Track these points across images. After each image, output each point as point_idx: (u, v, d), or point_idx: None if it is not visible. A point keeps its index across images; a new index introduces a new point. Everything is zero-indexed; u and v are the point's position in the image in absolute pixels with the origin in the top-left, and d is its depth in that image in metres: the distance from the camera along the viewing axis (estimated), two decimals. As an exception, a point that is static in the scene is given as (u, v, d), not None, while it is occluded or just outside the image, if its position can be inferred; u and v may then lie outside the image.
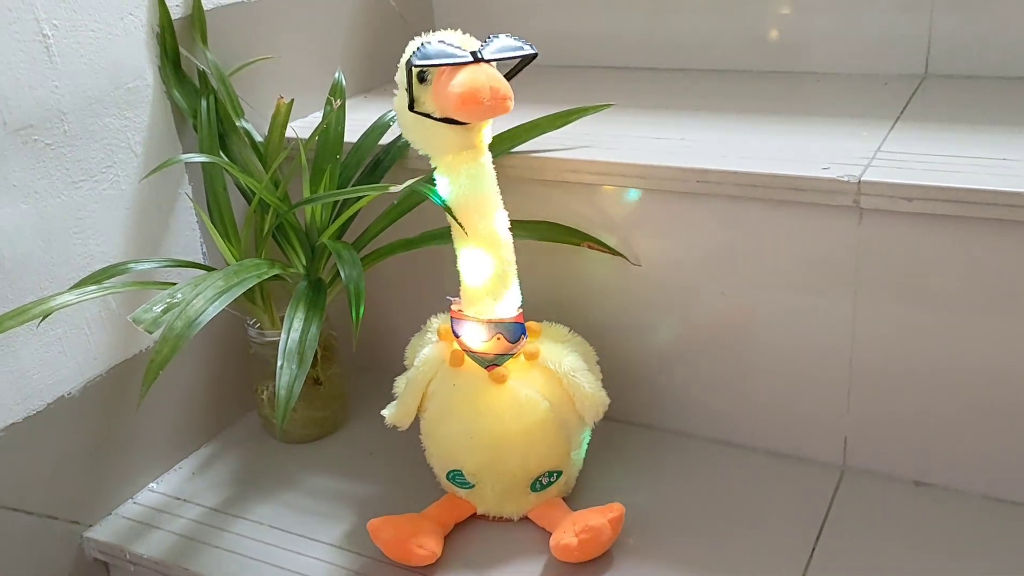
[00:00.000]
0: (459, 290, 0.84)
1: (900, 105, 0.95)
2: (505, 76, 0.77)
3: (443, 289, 0.88)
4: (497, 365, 0.81)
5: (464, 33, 0.79)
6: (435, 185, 0.82)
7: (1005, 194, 0.73)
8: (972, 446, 0.83)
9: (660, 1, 1.13)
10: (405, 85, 0.78)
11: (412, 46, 0.77)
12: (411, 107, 0.78)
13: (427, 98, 0.78)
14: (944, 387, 0.82)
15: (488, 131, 0.81)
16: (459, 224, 0.80)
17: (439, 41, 0.76)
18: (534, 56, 0.78)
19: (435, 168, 0.82)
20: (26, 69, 0.81)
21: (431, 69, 0.76)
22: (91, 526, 0.92)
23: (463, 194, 0.80)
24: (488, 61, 0.75)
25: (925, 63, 1.03)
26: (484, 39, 0.77)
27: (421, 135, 0.81)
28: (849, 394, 0.87)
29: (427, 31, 0.78)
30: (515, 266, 0.82)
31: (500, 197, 0.82)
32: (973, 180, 0.75)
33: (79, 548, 0.91)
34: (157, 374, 0.72)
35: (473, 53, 0.75)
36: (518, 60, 0.79)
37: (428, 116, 0.78)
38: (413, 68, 0.76)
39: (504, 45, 0.77)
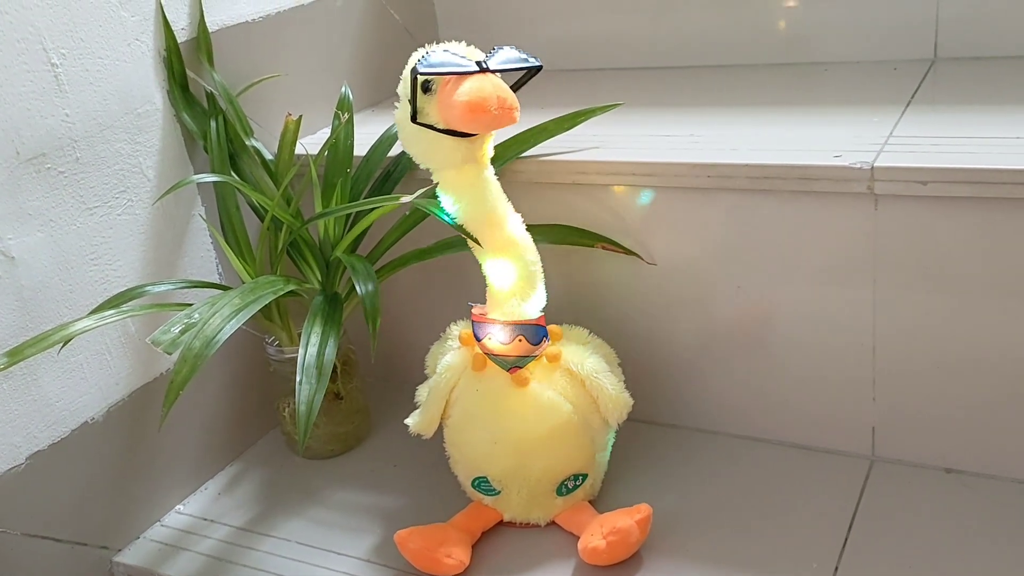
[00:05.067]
0: (478, 297, 0.83)
1: (910, 90, 0.94)
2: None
3: (460, 297, 0.88)
4: (519, 367, 0.81)
5: (469, 44, 0.79)
6: (435, 201, 0.81)
7: (1022, 172, 0.72)
8: (1002, 430, 0.82)
9: (663, 0, 1.13)
10: (408, 96, 0.77)
11: (416, 56, 0.77)
12: (414, 118, 0.78)
13: (431, 109, 0.77)
14: (970, 371, 0.81)
15: (491, 144, 0.81)
16: (473, 239, 0.80)
17: (444, 51, 0.76)
18: (539, 69, 0.77)
19: (437, 184, 0.81)
20: (36, 99, 0.81)
21: (435, 79, 0.76)
22: (120, 551, 0.92)
23: (471, 210, 0.79)
24: (494, 71, 0.75)
25: (934, 47, 1.02)
26: (489, 51, 0.77)
27: (423, 147, 0.80)
28: (874, 383, 0.86)
29: (431, 43, 0.78)
30: (540, 265, 0.82)
31: (509, 203, 0.81)
32: (988, 160, 0.74)
33: (109, 573, 0.91)
34: (178, 394, 0.72)
35: (479, 63, 0.75)
36: (523, 72, 0.79)
37: (431, 127, 0.77)
38: (418, 77, 0.75)
39: (509, 56, 0.76)
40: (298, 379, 0.76)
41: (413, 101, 0.77)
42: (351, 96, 1.01)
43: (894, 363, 0.84)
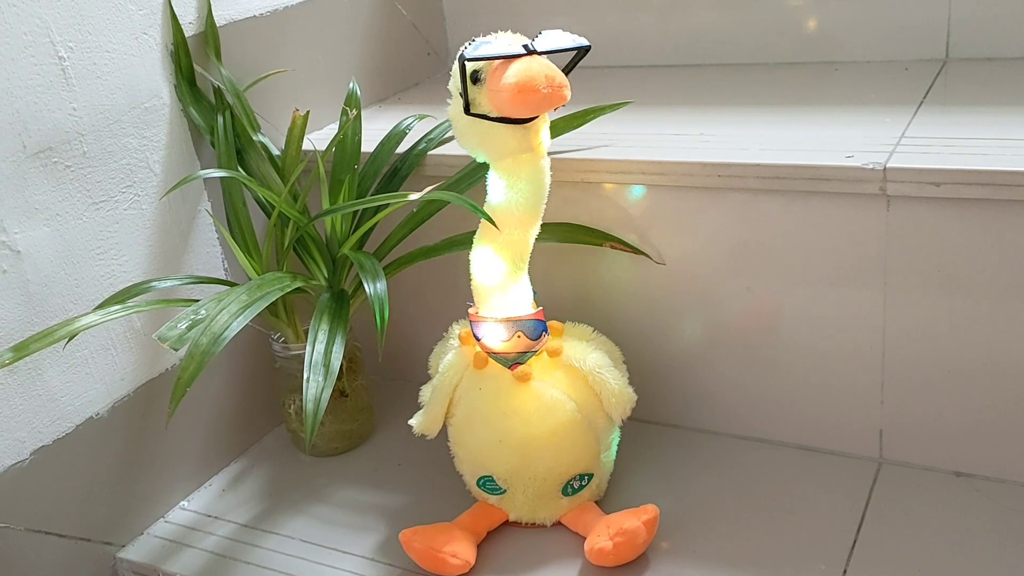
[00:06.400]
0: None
1: (922, 90, 0.93)
2: None
3: (465, 296, 0.87)
4: (520, 363, 0.81)
5: (514, 32, 0.77)
6: (454, 192, 0.81)
7: (1035, 174, 0.72)
8: (1012, 434, 0.82)
9: (672, -2, 1.13)
10: (459, 89, 0.76)
11: (462, 50, 0.77)
12: (467, 110, 0.77)
13: (482, 99, 0.76)
14: (980, 375, 0.81)
15: (546, 133, 0.80)
16: (493, 224, 0.79)
17: (487, 43, 0.75)
18: (588, 49, 0.76)
19: (490, 170, 0.80)
20: (43, 92, 0.81)
21: (484, 69, 0.75)
22: (124, 547, 0.92)
23: (522, 197, 0.78)
24: (541, 53, 0.74)
25: (946, 47, 1.02)
26: (533, 35, 0.76)
27: (478, 139, 0.79)
28: (883, 386, 0.85)
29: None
30: (526, 262, 0.81)
31: (543, 209, 0.80)
32: (1001, 162, 0.74)
33: (113, 569, 0.91)
34: (185, 391, 0.72)
35: (525, 46, 0.74)
36: (573, 54, 0.77)
37: (485, 117, 0.76)
38: (466, 64, 0.74)
39: (557, 38, 0.75)
40: (305, 376, 0.76)
41: (464, 92, 0.76)
42: (359, 92, 1.00)
43: (903, 366, 0.84)
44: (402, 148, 0.98)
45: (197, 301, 0.79)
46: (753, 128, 0.90)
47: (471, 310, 0.83)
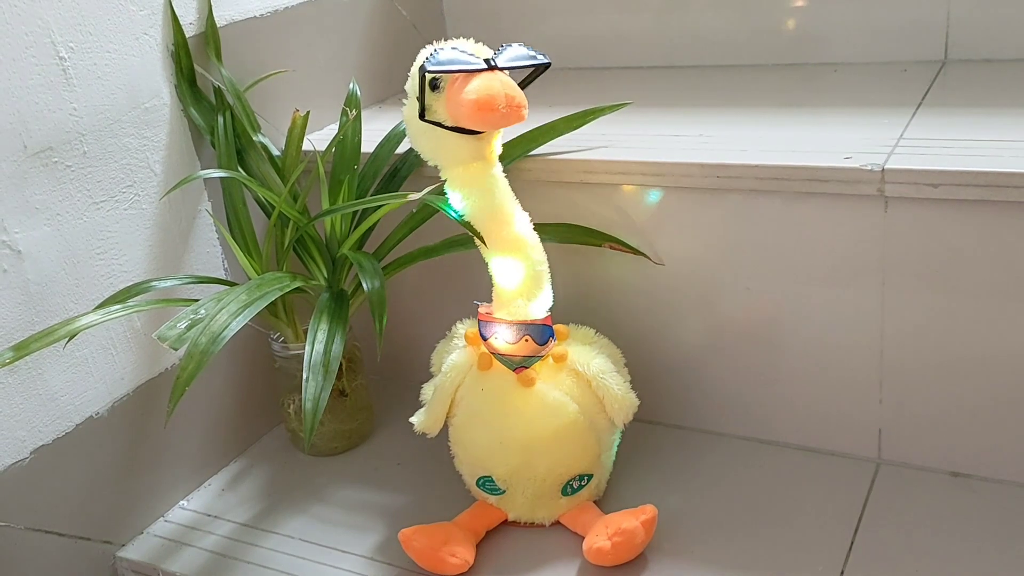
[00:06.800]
0: (484, 296, 0.83)
1: (921, 91, 0.94)
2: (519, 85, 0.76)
3: (465, 295, 0.87)
4: (525, 367, 0.81)
5: (477, 41, 0.78)
6: (444, 197, 0.81)
7: (1033, 176, 0.72)
8: (1009, 434, 0.82)
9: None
10: (416, 93, 0.77)
11: (424, 53, 0.77)
12: (422, 116, 0.77)
13: (439, 106, 0.77)
14: (978, 375, 0.81)
15: (499, 141, 0.81)
16: (479, 237, 0.79)
17: (452, 48, 0.76)
18: (547, 66, 0.78)
19: (445, 181, 0.81)
20: (44, 92, 0.81)
21: (444, 76, 0.76)
22: (123, 546, 0.92)
23: (478, 207, 0.79)
24: (502, 69, 0.75)
25: (944, 49, 1.02)
26: (497, 47, 0.77)
27: (431, 145, 0.80)
28: (881, 386, 0.85)
29: (439, 40, 0.78)
30: (547, 265, 0.82)
31: (516, 201, 0.81)
32: (1000, 163, 0.74)
33: (112, 568, 0.91)
34: (184, 390, 0.72)
35: (487, 60, 0.74)
36: (532, 69, 0.79)
37: (439, 125, 0.77)
38: (426, 75, 0.75)
39: (518, 54, 0.76)
40: (305, 376, 0.76)
41: (421, 98, 0.77)
42: (359, 92, 1.00)
43: (902, 366, 0.84)
44: (402, 149, 0.98)
45: (197, 301, 0.80)
46: (752, 129, 0.90)
47: (481, 309, 0.83)
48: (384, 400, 1.08)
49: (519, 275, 0.80)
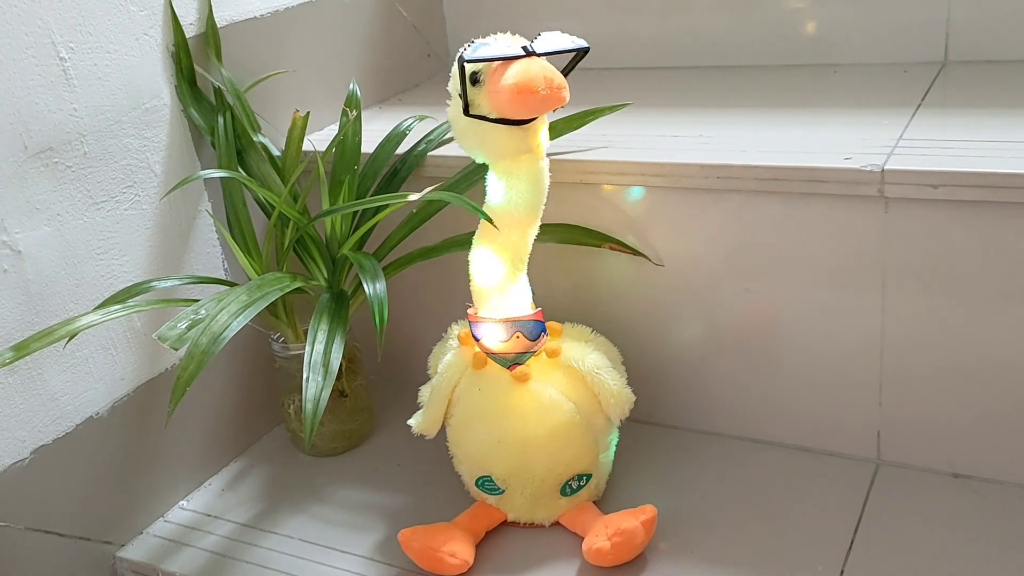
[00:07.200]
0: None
1: (921, 92, 0.94)
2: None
3: (466, 296, 0.87)
4: (519, 364, 0.81)
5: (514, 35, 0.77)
6: (454, 193, 0.81)
7: (1033, 177, 0.72)
8: (1010, 435, 0.82)
9: (672, 0, 1.13)
10: (458, 91, 0.77)
11: (461, 52, 0.77)
12: (466, 111, 0.77)
13: (481, 100, 0.76)
14: (978, 376, 0.81)
15: (544, 134, 0.80)
16: (492, 224, 0.79)
17: (488, 42, 0.76)
18: (587, 50, 0.76)
19: (489, 171, 0.80)
20: (44, 92, 0.81)
21: (483, 70, 0.75)
22: (123, 546, 0.92)
23: (516, 199, 0.78)
24: (540, 55, 0.74)
25: (944, 50, 1.02)
26: (533, 37, 0.76)
27: (477, 140, 0.79)
28: (881, 387, 0.85)
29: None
30: (525, 263, 0.81)
31: (542, 210, 0.80)
32: (1000, 164, 0.74)
33: (112, 568, 0.91)
34: (185, 391, 0.72)
35: (524, 48, 0.74)
36: (572, 56, 0.78)
37: (484, 118, 0.77)
38: (465, 66, 0.75)
39: (556, 39, 0.76)
40: (305, 376, 0.76)
41: (464, 94, 0.76)
42: (359, 93, 1.00)
43: (901, 367, 0.84)
44: (402, 149, 0.98)
45: (197, 301, 0.80)
46: (752, 130, 0.90)
47: (470, 311, 0.83)
48: (384, 400, 1.08)
49: (497, 272, 0.80)
